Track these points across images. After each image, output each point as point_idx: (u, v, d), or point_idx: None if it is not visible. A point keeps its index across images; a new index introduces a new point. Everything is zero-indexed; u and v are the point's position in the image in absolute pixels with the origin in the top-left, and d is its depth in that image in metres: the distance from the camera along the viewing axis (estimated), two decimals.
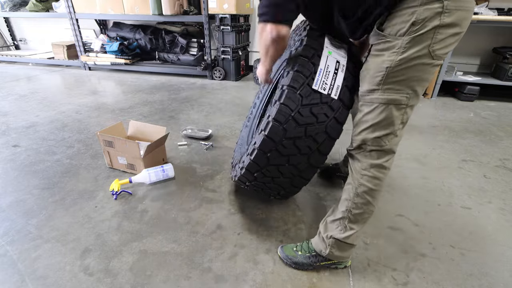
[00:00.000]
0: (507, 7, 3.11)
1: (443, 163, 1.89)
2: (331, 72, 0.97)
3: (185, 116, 2.61)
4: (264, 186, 1.18)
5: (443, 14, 0.75)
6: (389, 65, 0.83)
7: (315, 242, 1.11)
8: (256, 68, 1.31)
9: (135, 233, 1.27)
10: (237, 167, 1.22)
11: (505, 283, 1.07)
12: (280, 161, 1.03)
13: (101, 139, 1.67)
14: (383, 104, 0.87)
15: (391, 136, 0.90)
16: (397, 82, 0.84)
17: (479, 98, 3.20)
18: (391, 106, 0.86)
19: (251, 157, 1.04)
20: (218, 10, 3.44)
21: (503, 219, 1.40)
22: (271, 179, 1.12)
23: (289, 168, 1.06)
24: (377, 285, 1.06)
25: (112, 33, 4.32)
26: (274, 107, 0.96)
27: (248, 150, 1.09)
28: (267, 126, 0.97)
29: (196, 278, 1.07)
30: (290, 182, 1.14)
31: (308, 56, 0.97)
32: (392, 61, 0.82)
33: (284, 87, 0.95)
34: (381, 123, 0.88)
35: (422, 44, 0.79)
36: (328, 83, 0.96)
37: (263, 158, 1.02)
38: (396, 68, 0.82)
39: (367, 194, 0.95)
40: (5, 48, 5.36)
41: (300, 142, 0.98)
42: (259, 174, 1.09)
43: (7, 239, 1.23)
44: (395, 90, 0.85)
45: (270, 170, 1.07)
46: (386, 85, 0.85)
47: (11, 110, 2.72)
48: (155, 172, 1.60)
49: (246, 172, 1.11)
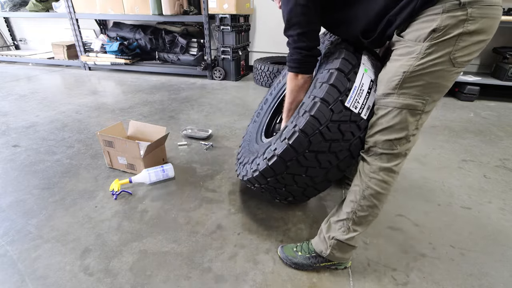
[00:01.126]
0: (507, 7, 3.10)
1: (443, 163, 1.89)
2: (365, 91, 0.95)
3: (185, 116, 2.61)
4: (274, 190, 1.17)
5: (467, 22, 0.74)
6: (406, 70, 0.82)
7: (315, 243, 1.10)
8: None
9: (135, 233, 1.27)
10: (248, 168, 1.19)
11: (505, 283, 1.07)
12: (298, 171, 1.02)
13: (101, 139, 1.67)
14: (397, 108, 0.86)
15: (404, 141, 0.89)
16: (414, 88, 0.83)
17: (479, 98, 3.20)
18: (406, 111, 0.85)
19: (268, 162, 1.03)
20: (218, 10, 3.44)
21: (503, 219, 1.40)
22: (283, 186, 1.11)
23: (305, 179, 1.06)
24: (377, 285, 1.06)
25: (112, 33, 4.33)
26: (303, 117, 0.94)
27: (266, 155, 1.06)
28: (292, 136, 0.95)
29: (196, 278, 1.07)
30: (302, 191, 1.14)
31: (344, 72, 0.94)
32: (409, 66, 0.81)
33: (316, 99, 0.93)
34: (394, 127, 0.87)
35: (443, 51, 0.78)
36: (360, 102, 0.94)
37: (282, 166, 1.01)
38: (414, 73, 0.81)
39: (374, 197, 0.95)
40: (5, 48, 5.36)
41: (322, 157, 0.98)
42: (272, 179, 1.08)
43: (7, 239, 1.23)
44: (411, 96, 0.84)
45: (285, 178, 1.06)
46: (402, 90, 0.84)
47: (11, 110, 2.72)
48: (155, 172, 1.60)
49: (260, 176, 1.09)
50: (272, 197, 1.28)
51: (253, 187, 1.24)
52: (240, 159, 1.38)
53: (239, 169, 1.31)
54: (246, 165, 1.24)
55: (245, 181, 1.22)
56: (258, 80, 3.65)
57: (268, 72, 3.47)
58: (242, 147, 1.51)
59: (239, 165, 1.34)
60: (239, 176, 1.28)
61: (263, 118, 1.63)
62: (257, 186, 1.18)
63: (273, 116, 1.62)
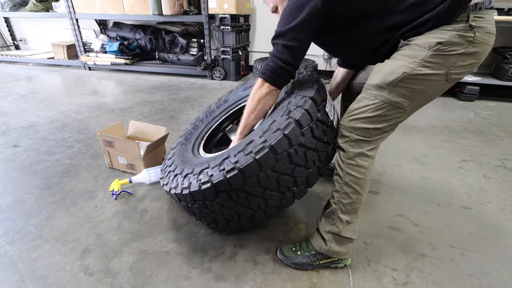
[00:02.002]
0: (507, 7, 3.10)
1: (443, 163, 1.89)
2: (333, 124, 1.03)
3: (185, 116, 2.61)
4: (215, 210, 1.06)
5: (470, 44, 0.82)
6: (406, 71, 0.86)
7: (313, 240, 1.12)
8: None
9: (135, 233, 1.27)
10: (192, 179, 1.03)
11: (505, 283, 1.07)
12: (255, 190, 0.97)
13: (101, 139, 1.67)
14: (385, 102, 0.91)
15: (379, 132, 0.95)
16: (407, 89, 0.88)
17: (479, 98, 3.20)
18: (391, 107, 0.91)
19: (226, 174, 0.93)
20: (218, 10, 3.45)
21: (503, 219, 1.40)
22: (233, 205, 1.02)
23: (259, 201, 1.01)
24: (377, 285, 1.06)
25: (112, 33, 4.33)
26: (274, 134, 0.92)
27: (224, 166, 0.96)
28: (260, 151, 0.91)
29: (196, 278, 1.07)
30: (251, 215, 1.08)
31: (316, 102, 0.99)
32: (411, 69, 0.86)
33: (291, 120, 0.93)
34: (376, 118, 0.93)
35: (442, 65, 0.84)
36: (328, 135, 1.01)
37: (240, 180, 0.93)
38: (412, 76, 0.86)
39: (354, 183, 0.98)
40: (5, 48, 5.37)
41: (283, 180, 0.97)
42: (224, 194, 0.98)
43: (7, 239, 1.23)
44: (401, 95, 0.89)
45: (239, 195, 0.98)
46: (395, 88, 0.89)
47: (11, 110, 2.72)
48: (155, 172, 1.60)
49: (209, 189, 0.97)
50: (197, 218, 1.18)
51: (181, 204, 1.12)
52: (171, 168, 1.21)
53: (167, 179, 1.16)
54: (178, 176, 1.11)
55: (173, 195, 1.10)
56: None
57: None
58: (172, 156, 1.34)
59: (169, 174, 1.18)
60: (166, 187, 1.15)
61: (203, 129, 1.51)
62: (191, 204, 1.06)
63: (212, 132, 1.51)
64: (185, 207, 1.14)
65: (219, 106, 1.60)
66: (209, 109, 1.60)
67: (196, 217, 1.20)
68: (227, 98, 1.61)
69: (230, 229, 1.18)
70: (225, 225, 1.15)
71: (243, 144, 0.97)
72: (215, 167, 0.98)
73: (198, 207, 1.07)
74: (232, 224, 1.13)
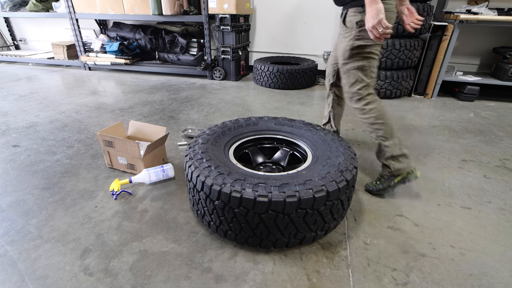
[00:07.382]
0: (507, 7, 3.10)
1: (443, 163, 1.89)
2: None
3: (185, 116, 2.61)
4: (251, 221, 1.10)
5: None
6: (348, 46, 1.39)
7: (383, 171, 1.53)
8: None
9: (135, 233, 1.27)
10: (243, 185, 1.08)
11: (505, 283, 1.07)
12: (297, 220, 1.09)
13: (101, 139, 1.67)
14: (354, 69, 1.42)
15: (366, 87, 1.43)
16: (356, 54, 1.39)
17: (479, 98, 3.20)
18: (359, 70, 1.41)
19: (286, 198, 1.03)
20: (218, 10, 3.44)
21: (503, 219, 1.40)
22: (272, 224, 1.09)
23: (292, 230, 1.12)
24: (377, 285, 1.06)
25: (112, 33, 4.32)
26: (331, 183, 1.11)
27: (284, 190, 1.05)
28: (319, 192, 1.07)
29: (196, 278, 1.07)
30: (277, 238, 1.14)
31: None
32: (350, 45, 1.39)
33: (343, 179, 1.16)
34: (355, 81, 1.44)
35: (364, 34, 1.32)
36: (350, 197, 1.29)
37: (294, 207, 1.05)
38: (353, 47, 1.38)
39: (376, 118, 1.43)
40: (5, 48, 5.36)
41: (319, 221, 1.14)
42: (273, 213, 1.06)
43: (7, 239, 1.23)
44: (358, 60, 1.40)
45: (284, 219, 1.08)
46: (352, 58, 1.41)
47: (11, 110, 2.72)
48: (155, 172, 1.60)
49: (263, 203, 1.04)
50: (214, 219, 1.19)
51: (206, 196, 1.14)
52: (210, 163, 1.21)
53: (206, 172, 1.16)
54: (226, 177, 1.13)
55: (210, 187, 1.11)
56: (258, 80, 3.65)
57: (268, 72, 3.46)
58: (206, 151, 1.31)
59: (207, 168, 1.18)
60: (201, 177, 1.14)
61: (231, 139, 1.53)
62: (242, 208, 1.07)
63: (237, 146, 1.53)
64: (203, 202, 1.17)
65: (247, 125, 1.64)
66: (237, 122, 1.64)
67: (207, 218, 1.22)
68: (257, 121, 1.67)
69: (242, 241, 1.19)
70: (243, 237, 1.17)
71: (302, 179, 1.12)
72: (274, 187, 1.08)
73: (231, 212, 1.10)
74: (252, 239, 1.16)
